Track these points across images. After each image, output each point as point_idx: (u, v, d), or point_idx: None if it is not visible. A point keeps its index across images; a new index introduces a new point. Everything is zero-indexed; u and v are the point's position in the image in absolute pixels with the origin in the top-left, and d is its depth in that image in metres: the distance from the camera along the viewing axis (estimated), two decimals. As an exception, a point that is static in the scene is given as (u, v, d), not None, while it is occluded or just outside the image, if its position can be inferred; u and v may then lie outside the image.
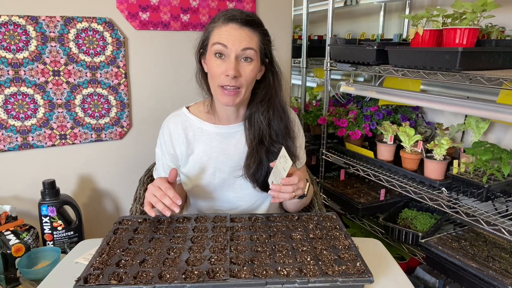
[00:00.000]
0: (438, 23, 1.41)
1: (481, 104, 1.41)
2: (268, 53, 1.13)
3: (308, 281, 0.82)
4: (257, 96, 1.17)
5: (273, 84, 1.17)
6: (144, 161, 1.63)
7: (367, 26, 2.41)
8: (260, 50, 1.10)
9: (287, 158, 1.00)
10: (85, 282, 0.83)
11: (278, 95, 1.18)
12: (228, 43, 1.04)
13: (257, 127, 1.17)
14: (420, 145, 1.55)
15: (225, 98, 1.09)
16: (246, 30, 1.06)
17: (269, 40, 1.14)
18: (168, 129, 1.22)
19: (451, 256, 1.29)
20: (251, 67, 1.07)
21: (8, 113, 1.46)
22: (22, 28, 1.42)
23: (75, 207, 1.45)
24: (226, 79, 1.05)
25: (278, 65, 1.18)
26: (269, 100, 1.17)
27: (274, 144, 1.18)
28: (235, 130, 1.22)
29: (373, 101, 2.05)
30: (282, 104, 1.20)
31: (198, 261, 0.89)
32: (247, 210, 1.26)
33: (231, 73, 1.03)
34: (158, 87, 1.71)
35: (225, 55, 1.06)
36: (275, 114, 1.18)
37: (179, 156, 1.23)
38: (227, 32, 1.05)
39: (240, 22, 1.05)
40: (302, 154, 1.30)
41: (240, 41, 1.04)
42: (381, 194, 1.84)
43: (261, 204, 1.28)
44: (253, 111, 1.18)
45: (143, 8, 1.61)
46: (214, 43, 1.06)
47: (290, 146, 1.20)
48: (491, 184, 1.30)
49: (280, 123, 1.18)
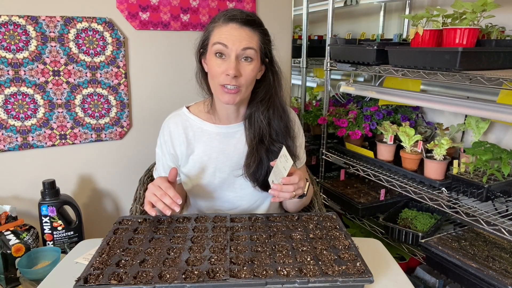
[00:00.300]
0: (438, 23, 1.41)
1: (481, 104, 1.41)
2: (268, 53, 1.14)
3: (308, 281, 0.82)
4: (257, 96, 1.17)
5: (273, 83, 1.17)
6: (144, 161, 1.63)
7: (367, 26, 2.41)
8: (260, 49, 1.10)
9: (288, 157, 1.00)
10: (85, 282, 0.83)
11: (278, 94, 1.19)
12: (229, 43, 1.04)
13: (257, 127, 1.18)
14: (420, 145, 1.55)
15: (225, 97, 1.09)
16: (247, 30, 1.06)
17: (269, 39, 1.14)
18: (168, 129, 1.22)
19: (451, 256, 1.29)
20: (251, 67, 1.08)
21: (8, 113, 1.46)
22: (22, 28, 1.42)
23: (75, 207, 1.45)
24: (226, 78, 1.06)
25: (278, 64, 1.18)
26: (269, 99, 1.17)
27: (274, 143, 1.18)
28: (235, 130, 1.22)
29: (373, 101, 2.05)
30: (282, 104, 1.20)
31: (198, 261, 0.89)
32: (247, 210, 1.26)
33: (232, 72, 1.04)
34: (158, 87, 1.71)
35: (226, 54, 1.06)
36: (275, 113, 1.18)
37: (179, 156, 1.23)
38: (227, 32, 1.05)
39: (241, 21, 1.06)
40: (302, 154, 1.30)
41: (240, 41, 1.05)
42: (381, 194, 1.84)
43: (261, 204, 1.28)
44: (253, 110, 1.18)
45: (143, 8, 1.61)
46: (214, 42, 1.07)
47: (290, 145, 1.21)
48: (491, 184, 1.30)
49: (280, 122, 1.19)
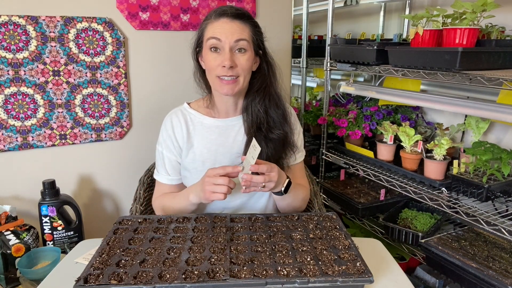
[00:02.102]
0: (438, 23, 1.41)
1: (481, 104, 1.41)
2: (261, 44, 1.18)
3: (308, 281, 0.82)
4: (253, 86, 1.21)
5: (268, 73, 1.21)
6: (144, 161, 1.63)
7: (367, 26, 2.41)
8: (253, 40, 1.14)
9: (256, 146, 1.00)
10: (85, 282, 0.82)
11: (273, 84, 1.22)
12: (222, 36, 1.09)
13: (254, 116, 1.21)
14: (420, 145, 1.55)
15: (224, 88, 1.12)
16: (237, 23, 1.11)
17: (260, 31, 1.18)
18: (170, 122, 1.25)
19: (451, 256, 1.29)
20: (246, 57, 1.12)
21: (8, 113, 1.46)
22: (22, 28, 1.42)
23: (75, 207, 1.45)
24: (223, 70, 1.10)
25: (272, 56, 1.22)
26: (265, 88, 1.21)
27: (272, 130, 1.20)
28: (234, 122, 1.25)
29: (373, 101, 2.05)
30: (277, 92, 1.24)
31: (198, 261, 0.89)
32: (247, 204, 1.26)
33: (227, 63, 1.08)
34: (158, 87, 1.71)
35: (220, 48, 1.10)
36: (271, 102, 1.21)
37: (182, 148, 1.25)
38: (219, 26, 1.10)
39: (231, 15, 1.10)
40: (300, 144, 1.32)
41: (233, 33, 1.09)
42: (381, 194, 1.84)
43: (261, 197, 1.28)
44: (250, 100, 1.22)
45: (143, 8, 1.61)
46: (208, 38, 1.11)
47: (288, 131, 1.23)
48: (491, 184, 1.30)
49: (277, 110, 1.22)
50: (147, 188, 1.47)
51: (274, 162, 1.13)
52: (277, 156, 1.21)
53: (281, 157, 1.23)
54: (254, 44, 1.14)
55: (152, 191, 1.35)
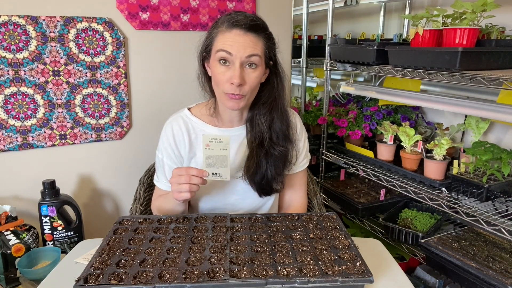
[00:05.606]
0: (438, 23, 1.41)
1: (481, 104, 1.41)
2: (272, 56, 1.13)
3: (308, 281, 0.82)
4: (261, 99, 1.16)
5: (277, 87, 1.17)
6: (144, 161, 1.64)
7: (367, 26, 2.41)
8: (265, 54, 1.08)
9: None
10: (85, 282, 0.82)
11: (281, 97, 1.18)
12: (233, 50, 1.03)
13: (258, 129, 1.17)
14: (420, 145, 1.55)
15: (230, 103, 1.08)
16: (251, 36, 1.04)
17: (274, 43, 1.13)
18: (171, 131, 1.21)
19: (451, 256, 1.29)
20: (256, 74, 1.07)
21: (8, 113, 1.46)
22: (22, 28, 1.42)
23: (75, 207, 1.45)
24: (231, 87, 1.04)
25: (282, 66, 1.18)
26: (272, 102, 1.16)
27: (274, 146, 1.17)
28: (238, 133, 1.22)
29: (373, 101, 2.05)
30: (284, 107, 1.19)
31: (198, 261, 0.89)
32: (249, 212, 1.25)
33: (236, 81, 1.03)
34: (158, 87, 1.71)
35: (230, 62, 1.05)
36: (277, 116, 1.17)
37: (183, 157, 1.23)
38: (231, 38, 1.03)
39: (244, 27, 1.03)
40: (301, 158, 1.29)
41: (245, 48, 1.03)
42: (381, 194, 1.84)
43: (263, 206, 1.28)
44: (255, 113, 1.18)
45: (143, 8, 1.61)
46: (218, 49, 1.05)
47: (289, 149, 1.20)
48: (491, 184, 1.30)
49: (282, 125, 1.18)
50: (147, 188, 1.47)
51: (272, 178, 1.14)
52: (275, 173, 1.18)
53: (279, 174, 1.19)
54: (266, 57, 1.09)
55: (152, 191, 1.35)
